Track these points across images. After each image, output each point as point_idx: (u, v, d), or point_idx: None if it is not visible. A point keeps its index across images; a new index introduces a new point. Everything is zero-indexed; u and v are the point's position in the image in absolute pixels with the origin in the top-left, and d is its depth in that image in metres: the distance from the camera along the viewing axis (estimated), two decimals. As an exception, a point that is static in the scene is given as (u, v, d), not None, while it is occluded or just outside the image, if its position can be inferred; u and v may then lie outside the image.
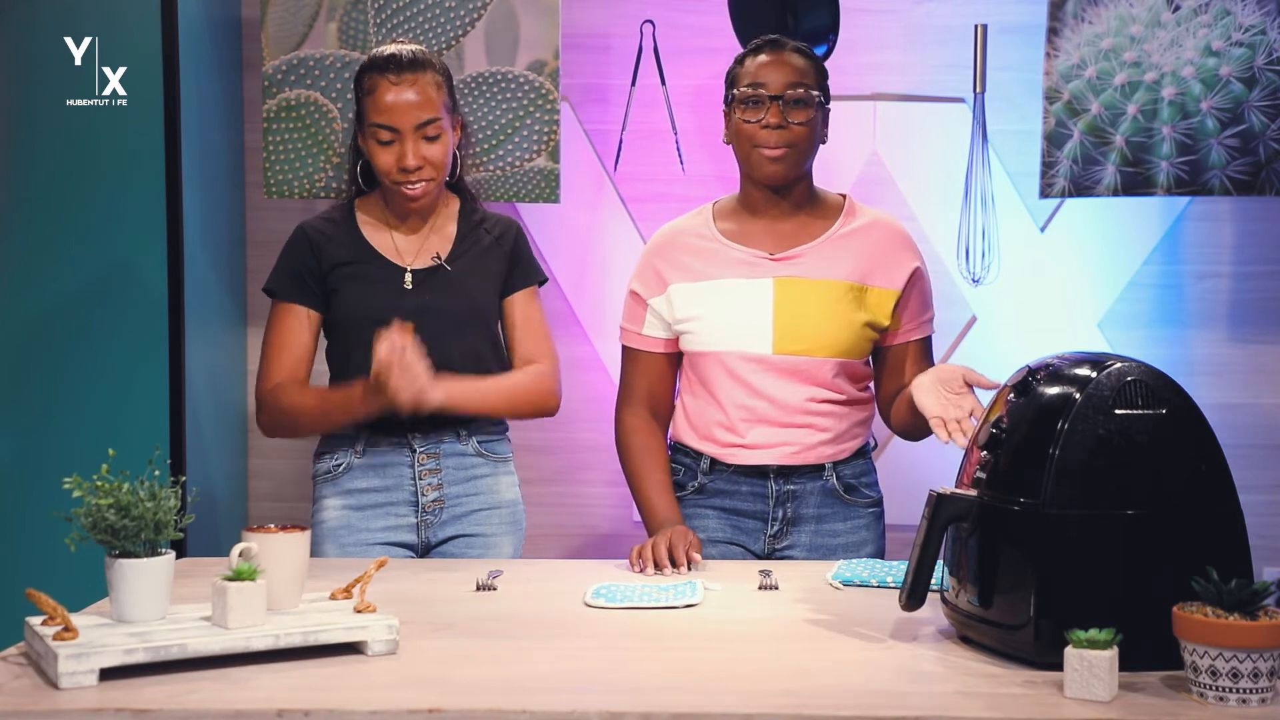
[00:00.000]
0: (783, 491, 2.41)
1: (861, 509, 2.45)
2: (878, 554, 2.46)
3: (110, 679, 1.56)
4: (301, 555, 1.78)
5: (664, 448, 2.48)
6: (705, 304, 2.40)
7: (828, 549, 2.42)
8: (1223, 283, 3.19)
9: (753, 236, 2.43)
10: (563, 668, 1.66)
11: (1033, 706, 1.50)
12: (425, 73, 2.41)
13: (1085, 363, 1.70)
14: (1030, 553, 1.63)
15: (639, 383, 2.48)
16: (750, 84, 2.37)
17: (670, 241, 2.47)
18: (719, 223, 2.46)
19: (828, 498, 2.42)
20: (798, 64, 2.38)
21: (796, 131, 2.36)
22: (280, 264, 2.47)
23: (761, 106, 2.35)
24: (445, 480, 2.45)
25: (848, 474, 2.43)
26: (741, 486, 2.41)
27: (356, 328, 2.41)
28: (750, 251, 2.41)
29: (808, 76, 2.38)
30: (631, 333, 2.49)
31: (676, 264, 2.44)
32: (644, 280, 2.47)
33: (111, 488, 1.67)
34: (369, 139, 2.42)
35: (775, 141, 2.35)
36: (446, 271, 2.45)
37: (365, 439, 2.43)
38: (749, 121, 2.36)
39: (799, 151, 2.37)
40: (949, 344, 3.19)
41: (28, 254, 2.82)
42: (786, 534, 2.42)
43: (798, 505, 2.41)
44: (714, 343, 2.39)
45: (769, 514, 2.42)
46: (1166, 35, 2.82)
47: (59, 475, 1.74)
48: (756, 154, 2.37)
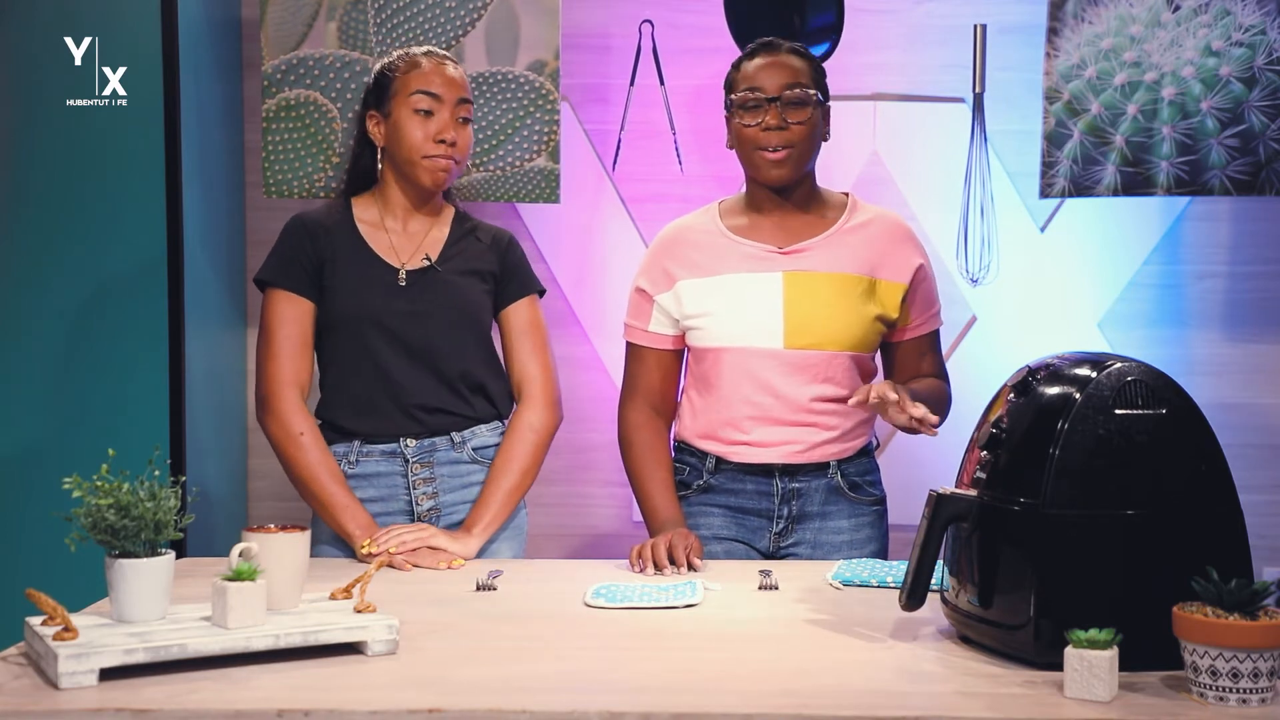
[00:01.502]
0: (787, 489, 2.41)
1: (865, 507, 2.45)
2: (880, 552, 2.47)
3: (110, 679, 1.56)
4: (301, 555, 1.78)
5: (667, 446, 2.48)
6: (715, 300, 2.40)
7: (832, 546, 2.42)
8: (1222, 283, 3.19)
9: (760, 231, 2.43)
10: (563, 668, 1.66)
11: (1033, 706, 1.50)
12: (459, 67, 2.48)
13: (1085, 363, 1.70)
14: (1030, 553, 1.63)
15: (644, 380, 2.48)
16: (748, 88, 2.37)
17: (678, 238, 2.47)
18: (726, 219, 2.46)
19: (832, 495, 2.42)
20: (794, 64, 2.38)
21: (796, 132, 2.36)
22: (274, 253, 2.43)
23: (760, 109, 2.36)
24: (440, 488, 2.44)
25: (852, 472, 2.44)
26: (746, 485, 2.41)
27: (348, 324, 2.40)
28: (759, 246, 2.41)
29: (804, 76, 2.38)
30: (637, 329, 2.49)
31: (685, 260, 2.44)
32: (651, 277, 2.47)
33: (111, 488, 1.67)
34: (403, 109, 2.40)
35: (776, 143, 2.36)
36: (438, 272, 2.44)
37: (359, 450, 2.43)
38: (749, 125, 2.37)
39: (800, 151, 2.37)
40: (949, 344, 3.19)
41: (28, 254, 2.82)
42: (791, 531, 2.42)
43: (802, 503, 2.41)
44: (724, 338, 2.39)
45: (774, 511, 2.42)
46: (1166, 35, 2.82)
47: (59, 475, 1.74)
48: (758, 156, 2.37)
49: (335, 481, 2.36)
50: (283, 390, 2.37)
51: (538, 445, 2.46)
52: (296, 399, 2.38)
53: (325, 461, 2.36)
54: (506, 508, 2.41)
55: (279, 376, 2.37)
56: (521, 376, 2.49)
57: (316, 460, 2.35)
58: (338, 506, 2.34)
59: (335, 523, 2.35)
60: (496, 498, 2.40)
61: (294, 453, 2.36)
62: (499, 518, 2.40)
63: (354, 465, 2.42)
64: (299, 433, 2.36)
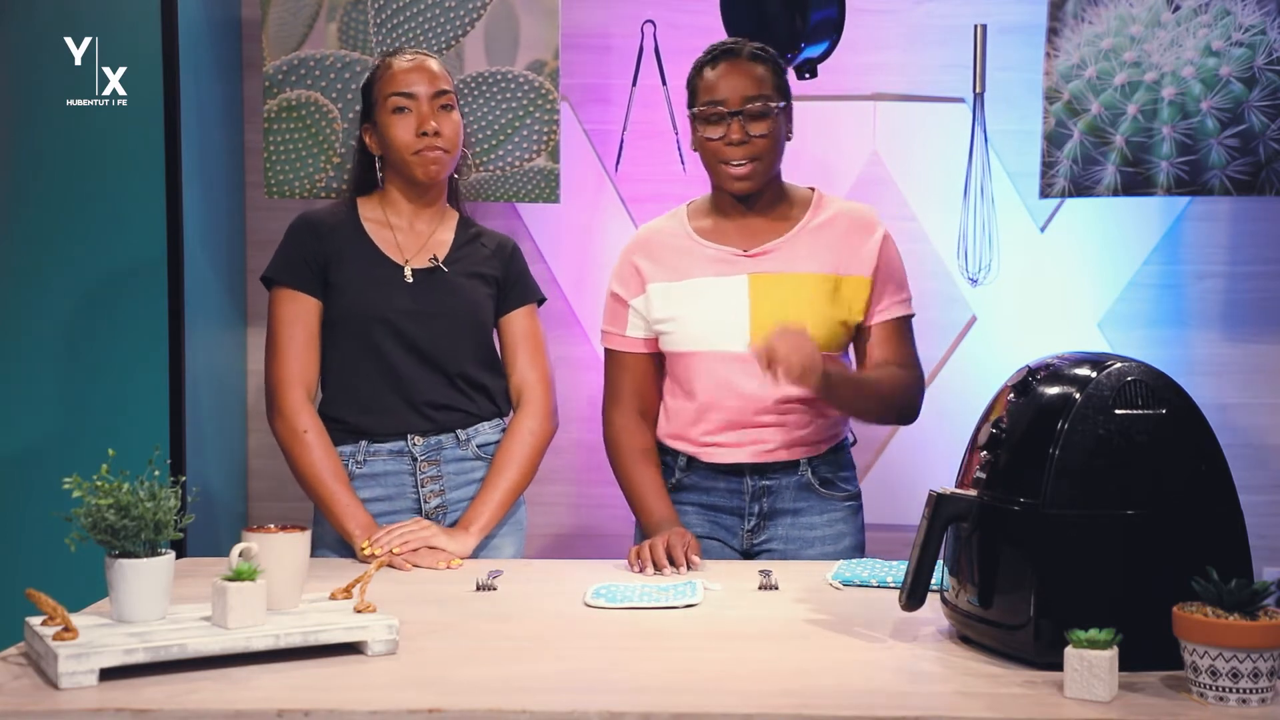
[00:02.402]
0: (758, 487, 2.42)
1: (838, 502, 2.45)
2: (857, 547, 2.47)
3: (110, 679, 1.56)
4: (301, 555, 1.78)
5: (654, 448, 2.47)
6: (682, 304, 2.41)
7: (805, 541, 2.43)
8: (1222, 283, 3.19)
9: (726, 234, 2.44)
10: (563, 668, 1.66)
11: (1033, 706, 1.50)
12: (436, 60, 2.48)
13: (1085, 363, 1.70)
14: (1030, 553, 1.63)
15: (625, 385, 2.48)
16: (709, 100, 2.37)
17: (647, 240, 2.48)
18: (693, 221, 2.48)
19: (803, 492, 2.43)
20: (754, 72, 2.37)
21: (759, 144, 2.36)
22: (281, 251, 2.45)
23: (722, 123, 2.36)
24: (447, 485, 2.45)
25: (823, 469, 2.44)
26: (718, 483, 2.42)
27: (354, 322, 2.41)
28: (724, 249, 2.42)
29: (765, 85, 2.37)
30: (615, 335, 2.49)
31: (654, 263, 2.45)
32: (623, 281, 2.48)
33: (111, 488, 1.67)
34: (385, 114, 2.43)
35: (739, 157, 2.36)
36: (444, 273, 2.45)
37: (366, 450, 2.43)
38: (711, 139, 2.37)
39: (765, 163, 2.38)
40: (949, 344, 3.19)
41: (28, 254, 2.82)
42: (764, 528, 2.43)
43: (773, 500, 2.42)
44: (691, 342, 2.40)
45: (745, 509, 2.43)
46: (1166, 35, 2.82)
47: (59, 475, 1.74)
48: (722, 169, 2.38)
49: (337, 481, 2.36)
50: (288, 389, 2.38)
51: (535, 448, 2.47)
52: (301, 397, 2.39)
53: (328, 460, 2.37)
54: (503, 506, 2.42)
55: (284, 375, 2.39)
56: (520, 385, 2.50)
57: (319, 459, 2.36)
58: (339, 506, 2.35)
59: (336, 522, 2.35)
60: (494, 496, 2.41)
61: (298, 451, 2.37)
62: (496, 516, 2.41)
63: (361, 465, 2.42)
64: (303, 430, 2.37)
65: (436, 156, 2.42)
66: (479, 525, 2.38)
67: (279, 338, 2.41)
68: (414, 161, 2.42)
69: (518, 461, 2.44)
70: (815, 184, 2.52)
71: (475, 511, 2.39)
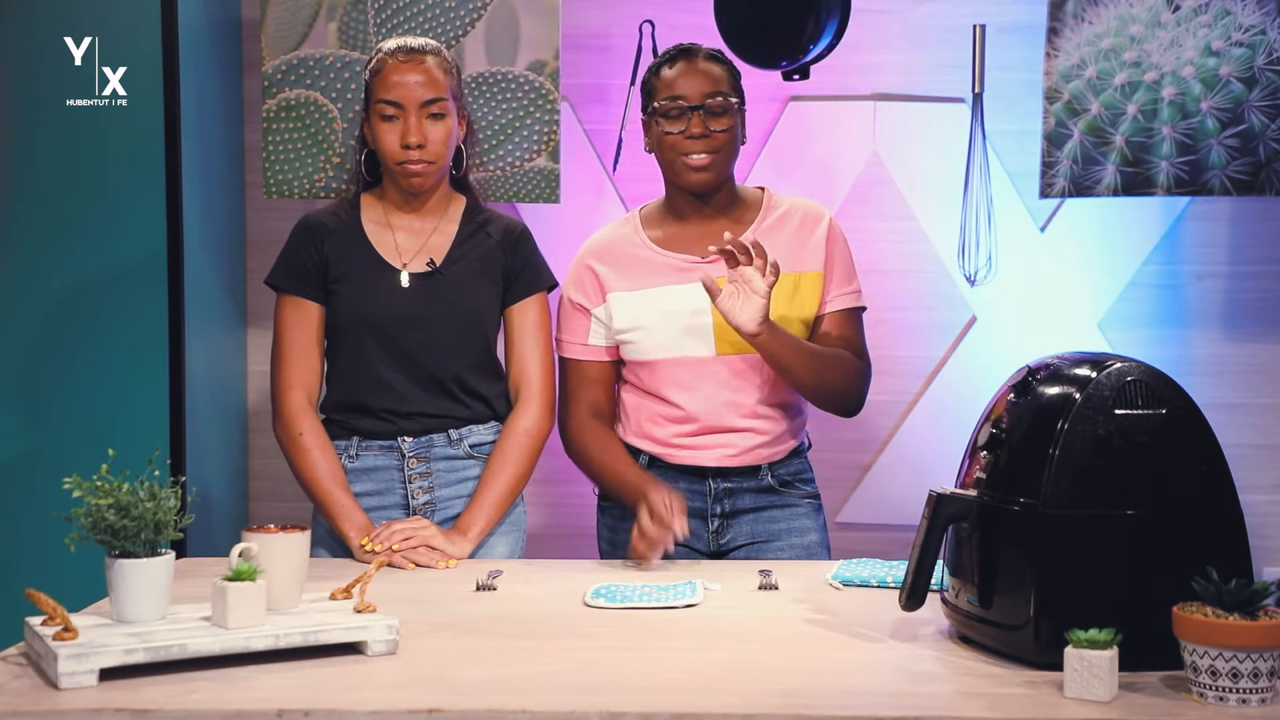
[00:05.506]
0: (720, 489, 2.45)
1: (798, 500, 2.48)
2: (823, 543, 2.50)
3: (110, 679, 1.56)
4: (301, 555, 1.78)
5: (617, 437, 2.48)
6: (644, 314, 2.42)
7: (770, 534, 2.45)
8: (1222, 283, 3.18)
9: (682, 242, 2.46)
10: (563, 668, 1.66)
11: (1033, 706, 1.50)
12: (434, 56, 2.44)
13: (1085, 363, 1.70)
14: (1030, 553, 1.63)
15: (584, 395, 2.48)
16: (669, 96, 2.42)
17: (604, 248, 2.50)
18: (648, 230, 2.49)
19: (764, 494, 2.46)
20: (713, 72, 2.43)
21: (719, 139, 2.40)
22: (283, 256, 2.46)
23: (683, 118, 2.40)
24: (436, 483, 2.45)
25: (783, 473, 2.47)
26: (679, 484, 2.42)
27: (349, 329, 2.42)
28: (681, 257, 2.44)
29: (724, 84, 2.43)
30: (574, 344, 2.49)
31: (612, 271, 2.46)
32: (582, 289, 2.48)
33: (111, 488, 1.67)
34: (375, 117, 2.42)
35: (699, 150, 2.40)
36: (443, 276, 2.45)
37: (358, 445, 2.44)
38: (671, 133, 2.41)
39: (723, 158, 2.42)
40: (949, 344, 3.19)
41: (28, 254, 2.82)
42: (727, 528, 2.45)
43: (735, 500, 2.45)
44: (656, 351, 2.42)
45: (708, 510, 2.45)
46: (1166, 35, 2.82)
47: (59, 475, 1.74)
48: (680, 163, 2.41)
49: (334, 482, 2.37)
50: (286, 393, 2.41)
51: (532, 449, 2.46)
52: (300, 401, 2.40)
53: (325, 462, 2.38)
54: (500, 509, 2.42)
55: (283, 380, 2.42)
56: (520, 376, 2.49)
57: (315, 461, 2.38)
58: (335, 508, 2.35)
59: (333, 524, 2.36)
60: (490, 500, 2.40)
61: (295, 453, 2.39)
62: (493, 520, 2.41)
63: (354, 459, 2.44)
64: (299, 433, 2.38)
65: (419, 169, 2.41)
66: (475, 531, 2.38)
67: (280, 342, 2.44)
68: (398, 172, 2.42)
69: (513, 464, 2.43)
70: (815, 184, 2.53)
71: (471, 516, 2.39)
